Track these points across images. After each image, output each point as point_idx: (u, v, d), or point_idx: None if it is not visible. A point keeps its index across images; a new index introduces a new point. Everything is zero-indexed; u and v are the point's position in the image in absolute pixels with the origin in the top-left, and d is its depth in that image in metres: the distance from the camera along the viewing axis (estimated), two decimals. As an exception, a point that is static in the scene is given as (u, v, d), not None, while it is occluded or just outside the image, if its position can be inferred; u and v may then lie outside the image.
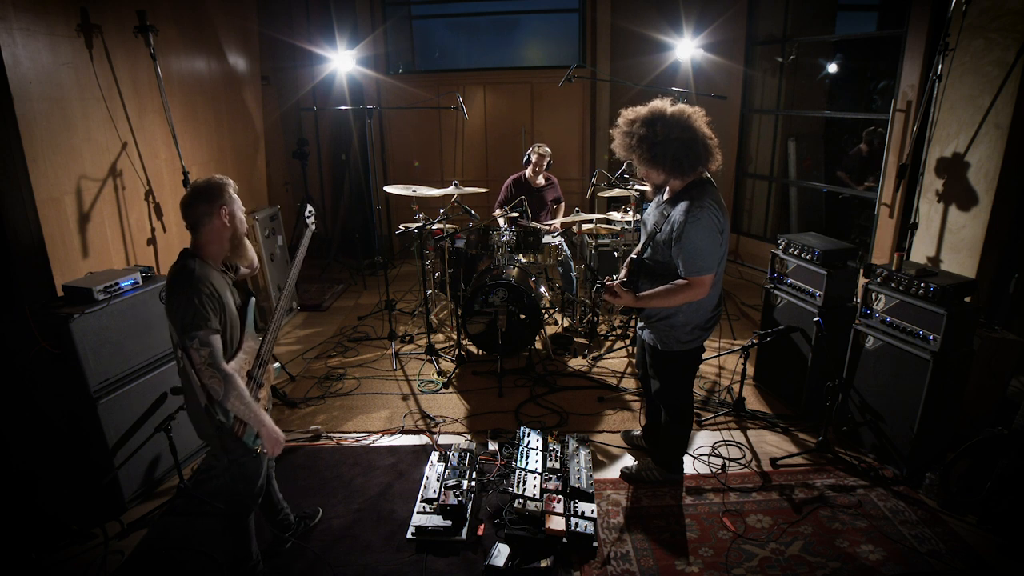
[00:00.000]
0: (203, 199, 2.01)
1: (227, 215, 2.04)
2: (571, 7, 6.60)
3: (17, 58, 2.78)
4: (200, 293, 1.92)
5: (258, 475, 2.20)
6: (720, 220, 2.38)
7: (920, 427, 2.83)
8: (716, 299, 2.59)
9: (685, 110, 2.34)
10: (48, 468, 2.77)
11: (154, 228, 3.85)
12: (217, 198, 2.02)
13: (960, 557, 2.49)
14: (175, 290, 1.95)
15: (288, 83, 5.98)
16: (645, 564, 2.49)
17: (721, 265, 2.47)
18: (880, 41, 6.12)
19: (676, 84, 5.26)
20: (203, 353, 1.89)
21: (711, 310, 2.58)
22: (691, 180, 2.42)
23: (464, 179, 6.05)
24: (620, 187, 4.41)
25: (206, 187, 2.03)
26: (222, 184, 2.05)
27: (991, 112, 3.22)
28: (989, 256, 3.33)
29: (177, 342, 1.95)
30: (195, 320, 1.88)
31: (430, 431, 3.47)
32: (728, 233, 2.46)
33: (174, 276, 1.99)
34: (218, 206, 2.02)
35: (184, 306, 1.89)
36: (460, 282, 4.41)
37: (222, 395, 1.92)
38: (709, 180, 2.46)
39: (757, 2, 5.67)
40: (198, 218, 2.02)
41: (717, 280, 2.50)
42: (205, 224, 2.02)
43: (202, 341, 1.88)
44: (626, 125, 2.37)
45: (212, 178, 2.06)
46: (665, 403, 2.79)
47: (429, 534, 2.63)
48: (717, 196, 2.41)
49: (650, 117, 2.32)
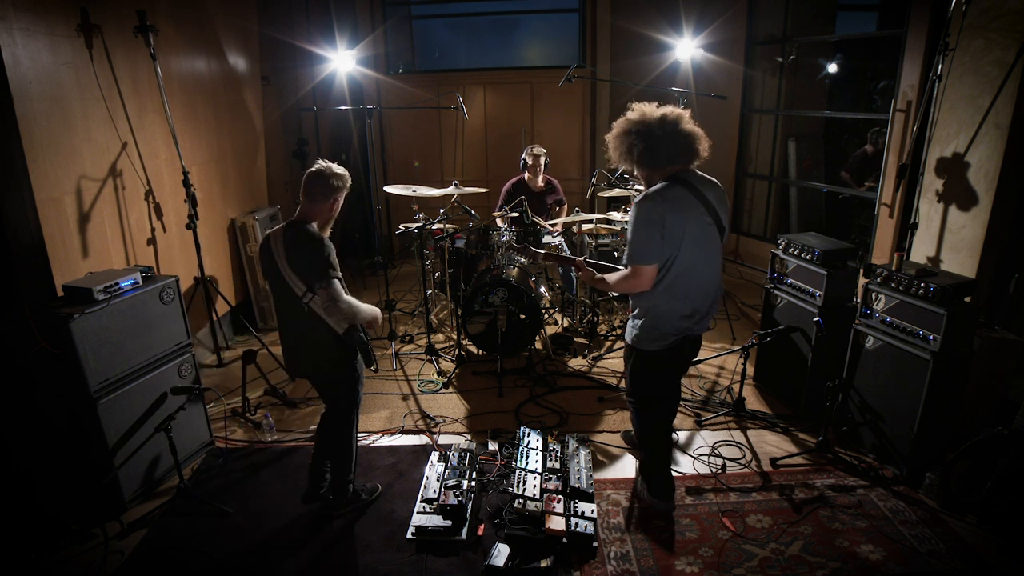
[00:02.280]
0: (333, 183, 2.50)
1: (336, 206, 2.56)
2: (571, 7, 6.60)
3: (17, 58, 2.78)
4: (328, 247, 2.43)
5: (360, 388, 2.72)
6: (659, 214, 2.34)
7: (920, 427, 2.83)
8: (685, 309, 2.46)
9: (647, 112, 2.41)
10: (48, 468, 2.77)
11: (154, 228, 3.85)
12: (342, 188, 2.54)
13: (960, 557, 2.49)
14: (305, 245, 2.42)
15: (288, 83, 5.97)
16: (645, 564, 2.49)
17: (676, 265, 2.40)
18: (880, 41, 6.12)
19: (676, 84, 5.25)
20: (329, 292, 2.39)
21: (680, 318, 2.47)
22: (665, 175, 2.41)
23: (464, 179, 6.05)
24: (620, 187, 4.42)
25: (337, 175, 2.52)
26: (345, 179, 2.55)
27: (991, 112, 3.22)
28: (989, 256, 3.32)
29: (309, 287, 2.42)
30: (324, 267, 2.39)
31: (430, 431, 3.47)
32: (683, 231, 2.36)
33: (301, 235, 2.45)
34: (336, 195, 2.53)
35: (316, 257, 2.40)
36: (460, 282, 4.41)
37: (352, 316, 2.48)
38: (682, 178, 2.40)
39: (757, 2, 5.67)
40: (321, 194, 2.50)
41: (673, 284, 2.42)
42: (320, 202, 2.50)
43: (330, 282, 2.39)
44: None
45: (343, 173, 2.54)
46: (630, 400, 2.79)
47: (429, 534, 2.62)
48: (675, 192, 2.37)
49: (624, 120, 2.47)
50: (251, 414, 3.60)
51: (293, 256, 2.43)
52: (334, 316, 2.44)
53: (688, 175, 2.43)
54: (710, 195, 2.44)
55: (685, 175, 2.42)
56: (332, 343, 2.51)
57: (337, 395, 2.67)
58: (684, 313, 2.48)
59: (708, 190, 2.45)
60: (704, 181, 2.48)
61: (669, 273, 2.42)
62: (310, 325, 2.48)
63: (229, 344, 4.61)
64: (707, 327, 2.62)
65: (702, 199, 2.42)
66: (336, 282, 2.41)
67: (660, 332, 2.51)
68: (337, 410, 2.70)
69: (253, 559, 2.56)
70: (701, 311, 2.52)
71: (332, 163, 2.54)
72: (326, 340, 2.51)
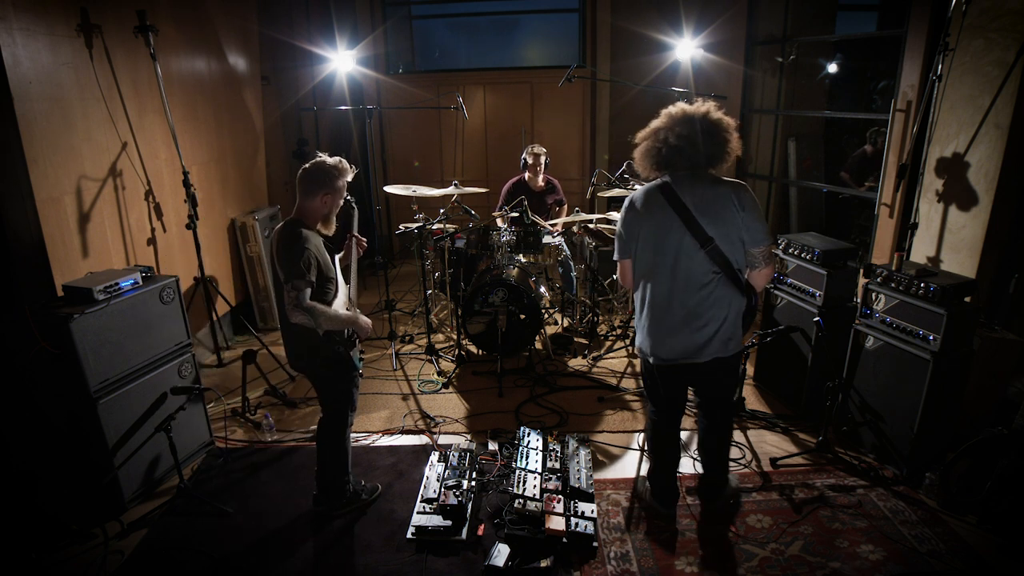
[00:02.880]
0: (319, 177, 2.47)
1: (328, 200, 2.51)
2: (571, 7, 6.60)
3: (17, 58, 2.78)
4: (306, 251, 2.38)
5: (355, 390, 2.71)
6: (632, 207, 2.37)
7: (920, 427, 2.83)
8: (658, 310, 2.37)
9: (657, 118, 2.38)
10: (48, 468, 2.77)
11: (154, 228, 3.85)
12: (330, 182, 2.49)
13: (960, 557, 2.49)
14: (287, 243, 2.40)
15: (288, 83, 5.97)
16: (645, 564, 2.49)
17: (638, 269, 2.38)
18: (880, 41, 6.12)
19: (676, 84, 5.25)
20: (291, 296, 2.34)
21: (643, 332, 2.45)
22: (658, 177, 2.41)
23: (464, 179, 6.04)
24: (620, 187, 4.41)
25: (324, 169, 2.48)
26: (341, 170, 2.51)
27: (991, 112, 3.21)
28: (989, 256, 3.32)
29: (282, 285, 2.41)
30: (294, 271, 2.35)
31: (430, 431, 3.47)
32: (639, 231, 2.35)
33: (287, 233, 2.43)
34: (326, 190, 2.49)
35: (290, 259, 2.36)
36: (460, 282, 4.41)
37: (319, 323, 2.42)
38: (666, 180, 2.34)
39: (757, 2, 5.67)
40: (310, 191, 2.47)
41: (651, 283, 2.36)
42: (310, 198, 2.47)
43: (295, 287, 2.33)
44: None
45: (335, 165, 2.50)
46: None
47: (429, 534, 2.62)
48: (638, 193, 2.39)
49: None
50: (251, 414, 3.60)
51: (279, 252, 2.44)
52: (294, 319, 2.38)
53: (676, 177, 2.32)
54: (695, 198, 2.28)
55: (674, 177, 2.33)
56: (323, 343, 2.52)
57: (332, 393, 2.68)
58: (647, 324, 2.42)
59: (697, 194, 2.28)
60: (698, 183, 2.30)
61: (640, 271, 2.42)
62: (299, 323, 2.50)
63: (229, 344, 4.61)
64: (678, 356, 2.39)
65: (675, 202, 2.28)
66: (305, 290, 2.34)
67: (643, 333, 2.48)
68: (332, 409, 2.71)
69: (253, 559, 2.56)
70: (660, 330, 2.39)
71: (333, 157, 2.53)
72: (316, 340, 2.51)
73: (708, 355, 2.38)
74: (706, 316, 2.33)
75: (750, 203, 2.28)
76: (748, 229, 2.28)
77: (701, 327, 2.34)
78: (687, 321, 2.35)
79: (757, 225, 2.29)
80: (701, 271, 2.30)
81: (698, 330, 2.35)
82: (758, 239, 2.30)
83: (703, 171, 2.33)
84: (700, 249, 2.28)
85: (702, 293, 2.32)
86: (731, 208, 2.27)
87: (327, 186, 2.46)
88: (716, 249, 2.27)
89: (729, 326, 2.36)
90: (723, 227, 2.27)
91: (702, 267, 2.30)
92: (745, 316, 2.41)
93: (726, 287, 2.32)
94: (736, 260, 2.31)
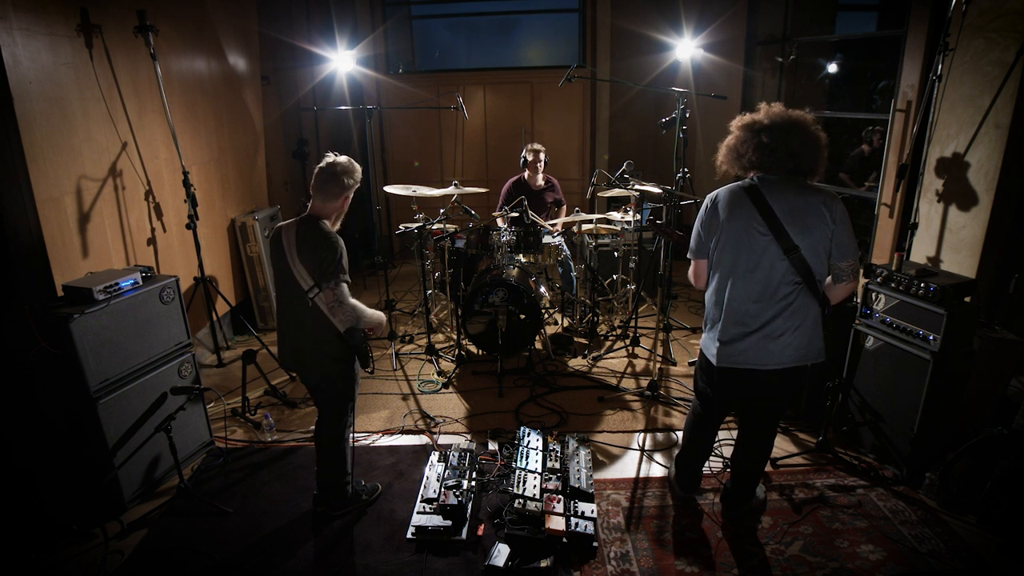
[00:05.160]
0: (345, 180, 2.52)
1: (347, 199, 2.60)
2: (571, 7, 6.60)
3: (17, 58, 2.78)
4: (340, 248, 2.47)
5: (356, 388, 2.73)
6: (708, 209, 2.38)
7: (920, 427, 2.83)
8: (733, 314, 2.31)
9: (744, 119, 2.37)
10: (48, 468, 2.77)
11: (154, 228, 3.85)
12: (350, 182, 2.55)
13: (960, 557, 2.49)
14: (318, 242, 2.45)
15: (288, 83, 5.97)
16: (645, 564, 2.49)
17: (716, 269, 2.36)
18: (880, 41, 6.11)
19: (676, 84, 5.25)
20: (334, 293, 2.42)
21: (710, 335, 2.43)
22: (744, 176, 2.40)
23: (464, 179, 6.05)
24: (620, 187, 4.41)
25: (348, 172, 2.54)
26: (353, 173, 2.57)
27: (991, 112, 3.21)
28: (989, 256, 3.32)
29: (316, 283, 2.45)
30: (333, 269, 2.43)
31: (430, 431, 3.47)
32: (728, 232, 2.28)
33: (315, 232, 2.47)
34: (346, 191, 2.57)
35: (327, 257, 2.44)
36: (460, 282, 4.41)
37: (355, 319, 2.49)
38: (753, 181, 2.31)
39: (757, 2, 5.67)
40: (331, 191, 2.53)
41: (728, 286, 2.32)
42: (332, 200, 2.54)
43: (337, 284, 2.42)
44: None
45: (352, 165, 2.56)
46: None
47: (429, 534, 2.63)
48: (723, 192, 2.37)
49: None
50: (251, 414, 3.60)
51: (304, 251, 2.46)
52: (337, 316, 2.47)
53: (765, 180, 2.28)
54: (784, 205, 2.21)
55: (762, 180, 2.29)
56: (334, 340, 2.53)
57: (334, 392, 2.66)
58: (719, 327, 2.35)
59: (787, 201, 2.22)
60: (788, 189, 2.24)
61: (714, 271, 2.39)
62: (313, 320, 2.51)
63: (229, 344, 4.61)
64: (745, 362, 2.32)
65: (762, 207, 2.23)
66: (344, 285, 2.45)
67: (705, 340, 2.47)
68: (333, 409, 2.70)
69: (253, 559, 2.56)
70: (731, 334, 2.32)
71: (340, 155, 2.55)
72: (328, 336, 2.53)
73: (776, 364, 2.30)
74: (783, 325, 2.26)
75: (841, 215, 2.20)
76: (839, 243, 2.21)
77: (777, 336, 2.27)
78: (762, 329, 2.28)
79: (848, 239, 2.22)
80: (783, 280, 2.24)
81: (774, 339, 2.27)
82: (847, 253, 2.23)
83: (794, 177, 2.27)
84: (784, 258, 2.21)
85: (782, 303, 2.25)
86: (822, 219, 2.19)
87: (351, 188, 2.56)
88: (800, 258, 2.20)
89: (804, 335, 2.29)
90: (811, 238, 2.20)
91: (784, 276, 2.23)
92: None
93: (805, 296, 2.25)
94: (818, 271, 2.23)
